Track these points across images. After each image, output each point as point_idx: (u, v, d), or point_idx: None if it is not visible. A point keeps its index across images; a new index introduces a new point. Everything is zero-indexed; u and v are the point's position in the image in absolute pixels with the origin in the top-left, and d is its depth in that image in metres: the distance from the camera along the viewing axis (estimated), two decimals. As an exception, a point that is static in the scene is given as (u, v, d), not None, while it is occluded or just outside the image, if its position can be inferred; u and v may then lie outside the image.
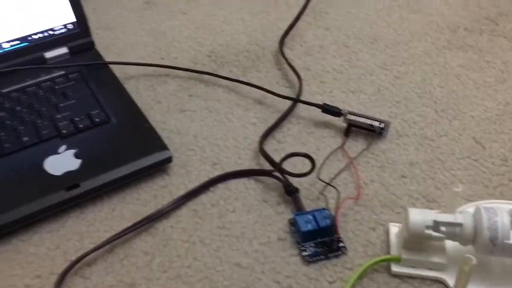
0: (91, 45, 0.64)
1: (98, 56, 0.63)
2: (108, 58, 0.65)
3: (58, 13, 0.61)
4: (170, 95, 0.61)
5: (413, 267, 0.42)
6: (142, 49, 0.69)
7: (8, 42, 0.60)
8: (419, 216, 0.40)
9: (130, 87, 0.61)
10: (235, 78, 0.61)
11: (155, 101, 0.60)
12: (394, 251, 0.43)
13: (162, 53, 0.68)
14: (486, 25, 0.70)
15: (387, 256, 0.42)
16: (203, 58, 0.67)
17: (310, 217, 0.44)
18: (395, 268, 0.42)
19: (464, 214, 0.40)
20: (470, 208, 0.45)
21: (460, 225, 0.39)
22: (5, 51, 0.60)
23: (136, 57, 0.67)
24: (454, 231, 0.39)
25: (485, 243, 0.38)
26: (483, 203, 0.44)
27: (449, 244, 0.42)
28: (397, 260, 0.42)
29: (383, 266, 0.43)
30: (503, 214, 0.39)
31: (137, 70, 0.64)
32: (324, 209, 0.45)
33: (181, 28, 0.72)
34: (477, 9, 0.73)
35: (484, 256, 0.40)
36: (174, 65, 0.64)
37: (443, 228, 0.39)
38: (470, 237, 0.39)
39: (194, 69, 0.63)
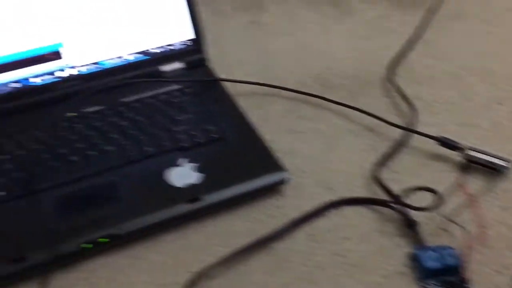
0: (204, 61, 0.66)
1: (211, 72, 0.66)
2: (216, 74, 0.67)
3: (179, 30, 0.64)
4: (278, 115, 0.62)
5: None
6: (248, 67, 0.70)
7: (131, 54, 0.63)
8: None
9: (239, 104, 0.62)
10: (343, 102, 0.61)
11: (263, 120, 0.61)
12: (524, 299, 0.41)
13: (269, 73, 0.69)
14: None
15: (520, 304, 0.41)
16: (310, 81, 0.67)
17: (434, 253, 0.43)
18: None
19: None
20: None
21: None
22: (128, 62, 0.63)
23: (243, 75, 0.68)
24: None
25: None
26: None
27: None
28: (528, 309, 0.40)
29: (511, 313, 0.41)
30: None
31: (245, 88, 0.65)
32: (449, 247, 0.44)
33: (287, 49, 0.74)
34: None
35: None
36: (280, 85, 0.65)
37: None
38: None
39: (301, 90, 0.64)
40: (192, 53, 0.66)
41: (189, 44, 0.65)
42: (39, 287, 0.44)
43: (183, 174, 0.51)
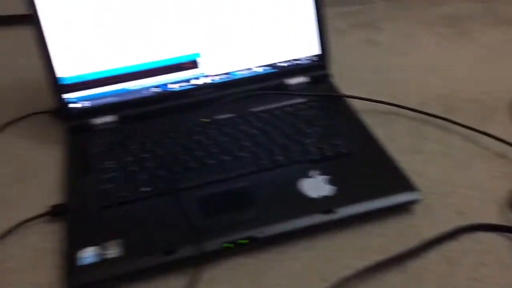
0: (328, 77, 0.68)
1: (335, 87, 0.67)
2: (339, 90, 0.68)
3: (306, 46, 0.67)
4: (402, 134, 0.62)
5: None
6: (368, 84, 0.71)
7: (260, 66, 0.66)
8: None
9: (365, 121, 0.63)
10: (471, 126, 0.61)
11: (387, 138, 0.60)
12: None
13: (388, 91, 0.70)
14: None
15: None
16: (432, 101, 0.67)
17: None
18: None
19: None
20: None
21: None
22: (256, 74, 0.66)
23: (361, 92, 0.68)
24: None
25: None
26: None
27: None
28: None
29: None
30: None
31: (366, 105, 0.66)
32: None
33: (405, 68, 0.74)
34: None
35: None
36: (401, 104, 0.65)
37: None
38: None
39: (425, 111, 0.64)
40: (317, 68, 0.68)
41: (314, 59, 0.68)
42: (191, 280, 0.47)
43: (316, 186, 0.53)
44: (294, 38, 0.66)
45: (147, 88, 0.64)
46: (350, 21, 0.87)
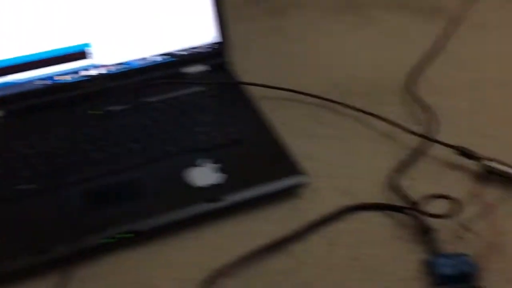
0: (227, 65, 0.68)
1: (233, 75, 0.67)
2: (238, 77, 0.68)
3: (204, 33, 0.66)
4: (297, 119, 0.63)
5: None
6: (269, 71, 0.71)
7: (157, 55, 0.65)
8: None
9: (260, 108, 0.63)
10: (363, 109, 0.62)
11: (283, 124, 0.61)
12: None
13: (289, 78, 0.70)
14: None
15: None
16: (330, 87, 0.68)
17: (449, 260, 0.44)
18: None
19: None
20: None
21: None
22: (154, 63, 0.65)
23: (264, 79, 0.68)
24: None
25: None
26: None
27: None
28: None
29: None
30: None
31: (265, 92, 0.66)
32: (464, 254, 0.44)
33: (308, 56, 0.75)
34: None
35: None
36: (302, 90, 0.66)
37: None
38: None
39: (322, 96, 0.65)
40: (217, 56, 0.67)
41: (214, 47, 0.67)
42: (60, 279, 0.45)
43: (204, 174, 0.52)
44: (191, 26, 0.65)
45: (33, 80, 0.61)
46: (256, 7, 0.86)
